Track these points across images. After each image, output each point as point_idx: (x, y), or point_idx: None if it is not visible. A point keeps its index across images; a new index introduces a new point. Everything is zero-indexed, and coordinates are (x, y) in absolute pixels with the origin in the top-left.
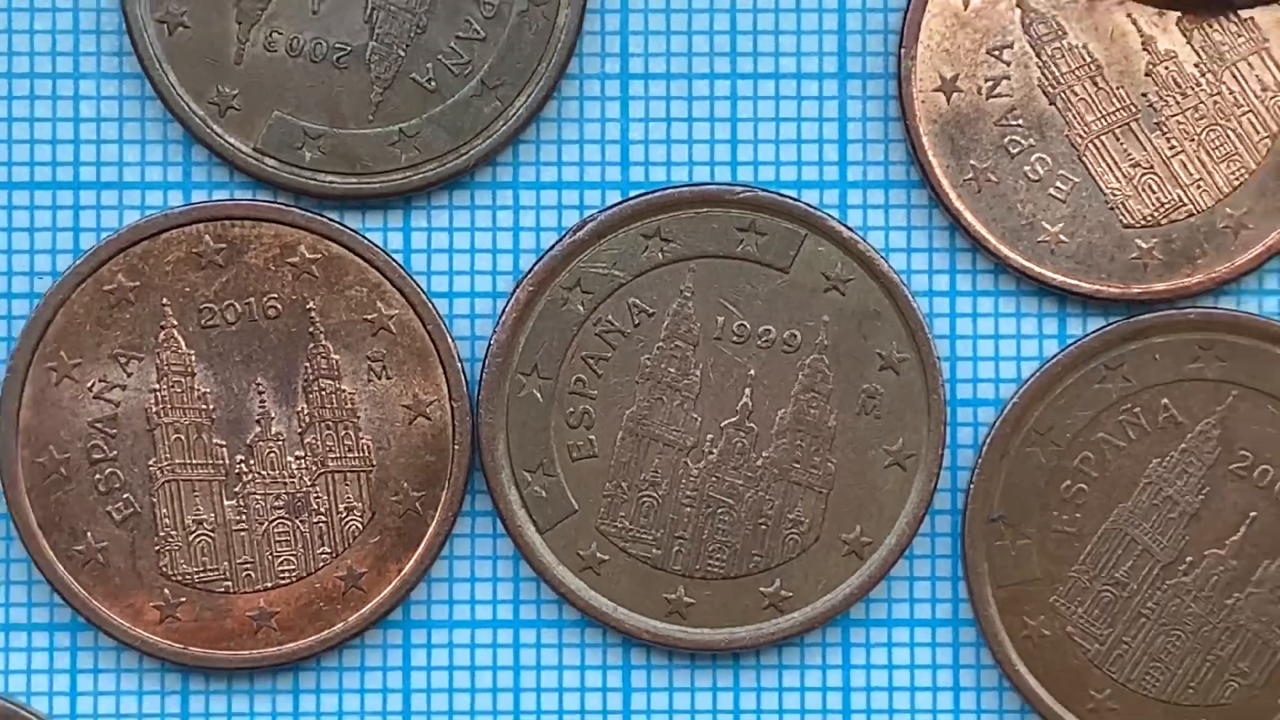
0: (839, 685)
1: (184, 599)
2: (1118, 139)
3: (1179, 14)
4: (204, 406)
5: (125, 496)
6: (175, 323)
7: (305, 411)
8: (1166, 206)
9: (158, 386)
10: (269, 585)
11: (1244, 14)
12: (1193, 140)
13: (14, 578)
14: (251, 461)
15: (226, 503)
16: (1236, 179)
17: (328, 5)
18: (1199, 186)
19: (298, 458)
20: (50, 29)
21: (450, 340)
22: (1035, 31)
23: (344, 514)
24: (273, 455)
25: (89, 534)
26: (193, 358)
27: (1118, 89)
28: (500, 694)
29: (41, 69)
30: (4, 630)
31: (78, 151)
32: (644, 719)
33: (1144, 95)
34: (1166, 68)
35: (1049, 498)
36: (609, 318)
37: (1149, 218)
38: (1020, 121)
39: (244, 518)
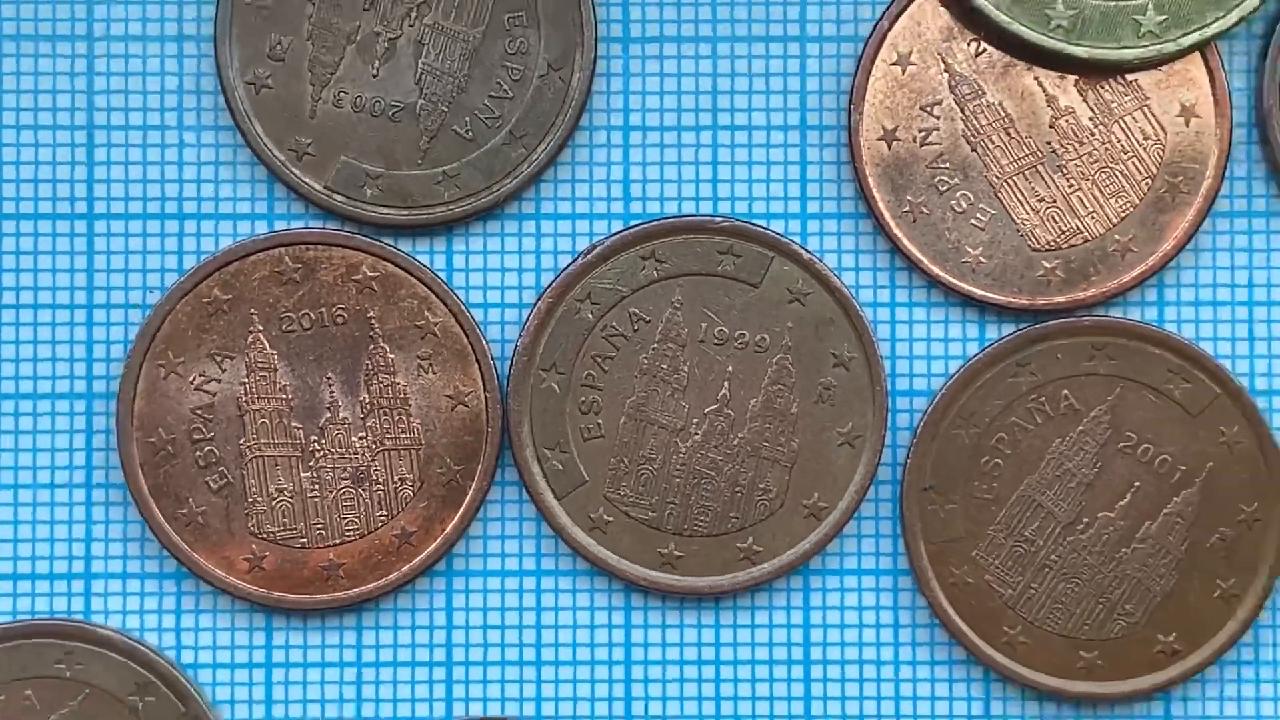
0: (800, 624)
1: (268, 553)
2: (1027, 179)
3: (1076, 77)
4: (284, 396)
5: (220, 470)
6: (261, 328)
7: (366, 400)
8: (1067, 234)
9: (246, 380)
10: (337, 542)
11: (1129, 77)
12: (1088, 180)
13: (130, 536)
14: (323, 441)
15: (303, 474)
16: (1123, 211)
17: (385, 70)
18: (1093, 218)
19: (360, 438)
20: (160, 90)
21: (484, 343)
22: (960, 92)
23: (398, 484)
24: (340, 436)
25: (191, 500)
26: (275, 357)
27: (1027, 138)
28: (525, 630)
29: (153, 122)
30: (122, 579)
31: (181, 189)
32: (642, 651)
33: (1048, 143)
34: (1067, 120)
35: (971, 471)
36: (613, 324)
37: (1052, 243)
38: (948, 165)
39: (317, 487)
